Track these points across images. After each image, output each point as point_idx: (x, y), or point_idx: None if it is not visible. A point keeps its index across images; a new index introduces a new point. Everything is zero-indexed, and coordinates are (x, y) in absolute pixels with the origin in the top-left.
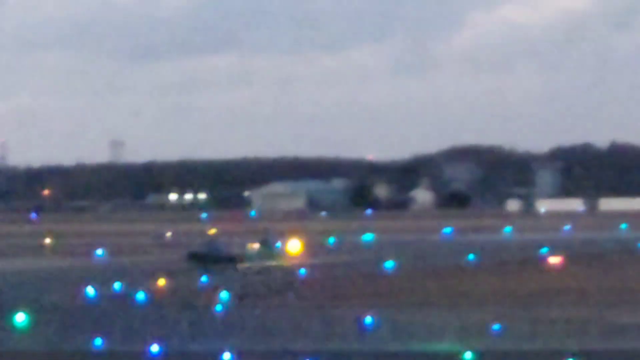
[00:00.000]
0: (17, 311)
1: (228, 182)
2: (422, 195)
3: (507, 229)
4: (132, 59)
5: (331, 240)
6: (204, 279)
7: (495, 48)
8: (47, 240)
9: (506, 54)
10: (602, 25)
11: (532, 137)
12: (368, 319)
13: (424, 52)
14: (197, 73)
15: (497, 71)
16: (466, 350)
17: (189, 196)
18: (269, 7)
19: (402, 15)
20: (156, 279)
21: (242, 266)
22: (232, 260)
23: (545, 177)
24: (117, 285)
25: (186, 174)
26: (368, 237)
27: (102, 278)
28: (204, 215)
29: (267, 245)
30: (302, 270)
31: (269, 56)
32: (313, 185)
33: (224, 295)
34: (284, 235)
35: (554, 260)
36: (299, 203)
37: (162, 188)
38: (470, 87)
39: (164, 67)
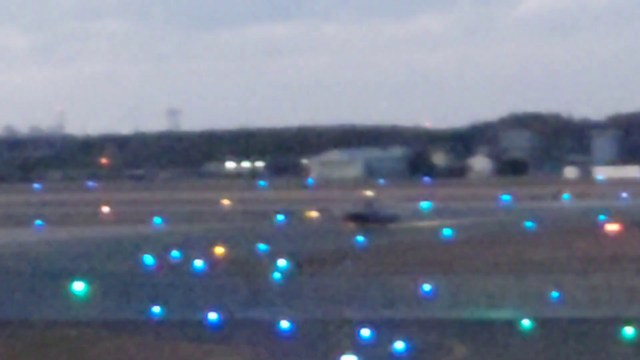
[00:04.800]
0: (75, 280)
1: (285, 150)
2: (480, 163)
3: (565, 196)
4: (195, 27)
5: None
6: (262, 247)
7: (559, 14)
8: (105, 209)
9: (568, 21)
10: None
11: (590, 104)
12: (427, 287)
13: (489, 19)
14: (260, 42)
15: (559, 38)
16: (524, 317)
17: (246, 164)
18: None
19: None
20: (214, 248)
21: (394, 226)
22: (388, 220)
23: (602, 144)
24: (175, 254)
25: (243, 142)
26: (426, 205)
27: (160, 246)
28: (261, 183)
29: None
30: (361, 238)
31: (334, 24)
32: (370, 153)
33: (282, 263)
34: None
35: (612, 227)
36: (357, 171)
37: (219, 156)
38: (532, 55)
39: (226, 36)
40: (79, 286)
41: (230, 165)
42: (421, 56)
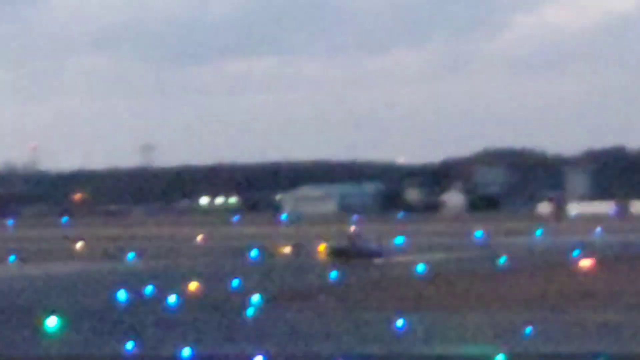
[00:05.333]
0: (48, 315)
1: (259, 186)
2: (454, 199)
3: (538, 231)
4: (170, 62)
5: None
6: (235, 282)
7: (533, 51)
8: (79, 244)
9: (543, 57)
10: None
11: (564, 140)
12: (399, 322)
13: (463, 55)
14: (234, 77)
15: (534, 74)
16: (498, 353)
17: (219, 200)
18: (309, 9)
19: (443, 17)
20: (188, 283)
21: (378, 261)
22: (373, 255)
23: (576, 180)
24: (148, 289)
25: (217, 178)
26: (399, 240)
27: (133, 282)
28: (235, 218)
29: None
30: (335, 273)
31: (309, 60)
32: (344, 188)
33: (255, 298)
34: (317, 239)
35: (586, 263)
36: (331, 207)
37: (193, 192)
38: (506, 90)
39: (201, 71)
40: (52, 322)
41: (204, 201)
42: (396, 91)
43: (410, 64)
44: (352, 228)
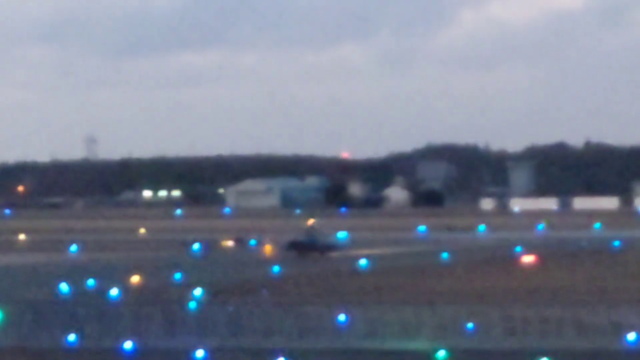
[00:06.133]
0: None
1: (202, 179)
2: (397, 194)
3: (481, 227)
4: (112, 55)
5: None
6: (177, 276)
7: (477, 46)
8: (21, 237)
9: (490, 53)
10: (587, 25)
11: (507, 136)
12: (341, 317)
13: (408, 50)
14: (178, 70)
15: (478, 70)
16: (440, 348)
17: (162, 193)
18: (254, 3)
19: (388, 12)
20: (130, 276)
21: (334, 254)
22: (329, 248)
23: (519, 176)
24: (90, 282)
25: (160, 171)
26: (342, 235)
27: (75, 274)
28: (178, 211)
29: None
30: (276, 268)
31: (253, 53)
32: (287, 183)
33: (198, 291)
34: (261, 233)
35: (528, 259)
36: (273, 201)
37: (136, 185)
38: (449, 86)
39: (145, 64)
40: None
41: (147, 194)
42: (340, 86)
43: (355, 59)
44: (310, 221)
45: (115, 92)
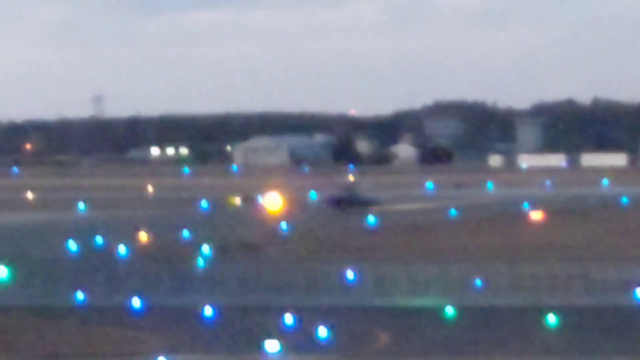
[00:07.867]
0: None
1: (210, 137)
2: (404, 151)
3: (489, 184)
4: (124, 13)
5: (313, 195)
6: (186, 233)
7: (486, 3)
8: (29, 195)
9: (495, 10)
10: None
11: (515, 93)
12: (350, 274)
13: (419, 7)
14: (188, 28)
15: (485, 27)
16: (448, 304)
17: (170, 151)
18: None
19: None
20: (138, 234)
21: (375, 209)
22: (369, 203)
23: (527, 133)
24: (99, 240)
25: (168, 128)
26: None
27: (83, 233)
28: (185, 169)
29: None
30: (285, 225)
31: (263, 11)
32: (295, 140)
33: (206, 249)
34: (266, 189)
35: (536, 215)
36: (281, 158)
37: (144, 143)
38: (458, 43)
39: (153, 22)
40: (1, 272)
41: (154, 151)
42: (349, 43)
43: (363, 16)
44: (350, 177)
45: (123, 50)
